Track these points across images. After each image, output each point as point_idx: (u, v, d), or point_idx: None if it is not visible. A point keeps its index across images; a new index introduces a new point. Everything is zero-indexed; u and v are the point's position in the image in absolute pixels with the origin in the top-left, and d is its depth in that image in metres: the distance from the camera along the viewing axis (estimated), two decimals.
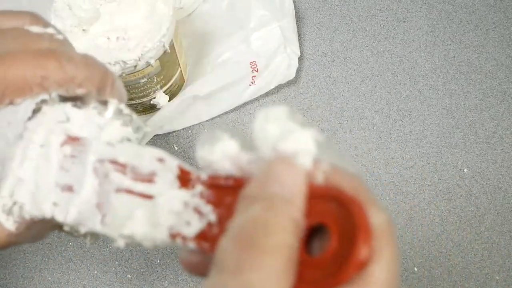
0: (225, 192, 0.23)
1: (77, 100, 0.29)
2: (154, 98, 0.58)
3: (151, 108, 0.59)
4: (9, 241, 0.27)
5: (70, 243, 0.57)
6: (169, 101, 0.59)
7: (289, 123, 0.20)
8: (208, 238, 0.23)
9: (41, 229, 0.29)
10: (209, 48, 0.64)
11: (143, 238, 0.24)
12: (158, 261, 0.56)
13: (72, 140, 0.27)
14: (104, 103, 0.28)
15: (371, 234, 0.18)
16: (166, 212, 0.24)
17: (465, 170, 0.61)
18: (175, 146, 0.61)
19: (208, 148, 0.23)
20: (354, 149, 0.61)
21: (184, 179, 0.25)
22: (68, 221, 0.26)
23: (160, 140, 0.61)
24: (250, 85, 0.61)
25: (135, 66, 0.51)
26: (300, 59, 0.64)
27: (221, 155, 0.23)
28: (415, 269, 0.56)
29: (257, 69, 0.61)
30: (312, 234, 0.20)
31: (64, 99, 0.28)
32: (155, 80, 0.55)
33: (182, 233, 0.23)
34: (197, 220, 0.23)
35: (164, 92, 0.58)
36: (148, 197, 0.25)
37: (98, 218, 0.25)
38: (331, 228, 0.19)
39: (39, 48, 0.27)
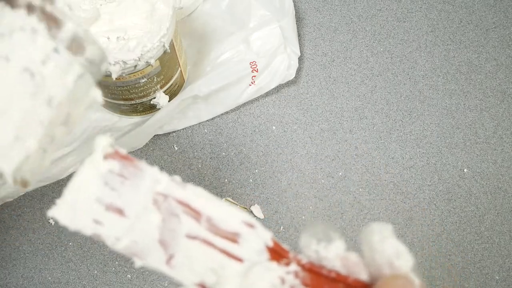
0: (325, 281, 0.25)
1: None
2: (154, 98, 0.58)
3: (151, 108, 0.59)
4: None
5: (70, 243, 0.57)
6: (169, 101, 0.59)
7: (400, 244, 0.24)
8: None
9: None
10: (209, 48, 0.64)
11: None
12: None
13: (122, 157, 0.25)
14: None
15: None
16: (262, 282, 0.24)
17: (465, 170, 0.61)
18: (175, 146, 0.61)
19: (325, 245, 0.25)
20: (354, 149, 0.61)
21: (277, 254, 0.25)
22: (118, 248, 0.25)
23: (160, 140, 0.61)
24: (250, 85, 0.61)
25: (135, 66, 0.51)
26: (300, 59, 0.64)
27: (335, 254, 0.25)
28: None
29: (257, 69, 0.61)
30: None
31: None
32: (155, 80, 0.55)
33: None
34: None
35: (164, 92, 0.58)
36: (238, 259, 0.25)
37: (163, 257, 0.24)
38: None
39: None
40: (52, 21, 0.25)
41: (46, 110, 0.24)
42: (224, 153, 0.61)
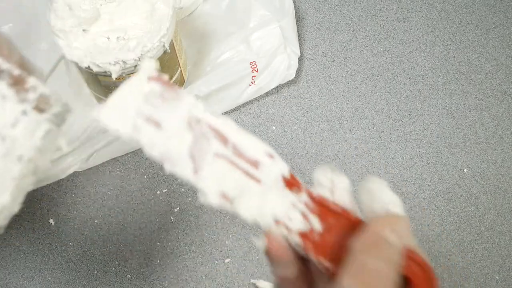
0: (330, 214, 0.28)
1: None
2: None
3: None
4: None
5: (70, 243, 0.57)
6: None
7: (395, 195, 0.28)
8: (309, 240, 0.28)
9: None
10: (209, 48, 0.64)
11: (245, 212, 0.28)
12: (158, 261, 0.56)
13: (163, 82, 0.28)
14: None
15: None
16: (275, 203, 0.28)
17: (465, 170, 0.61)
18: None
19: (338, 176, 0.29)
20: (354, 149, 0.61)
21: (291, 184, 0.29)
22: (153, 154, 0.28)
23: None
24: (250, 85, 0.61)
25: (135, 66, 0.51)
26: (300, 59, 0.64)
27: (346, 186, 0.30)
28: None
29: (257, 69, 0.61)
30: None
31: None
32: None
33: (287, 224, 0.28)
34: (301, 222, 0.28)
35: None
36: (257, 180, 0.28)
37: (191, 166, 0.28)
38: (415, 281, 0.27)
39: None
40: (20, 85, 0.27)
41: (17, 167, 0.27)
42: None
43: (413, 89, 0.65)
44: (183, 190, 0.59)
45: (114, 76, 0.50)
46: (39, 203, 0.58)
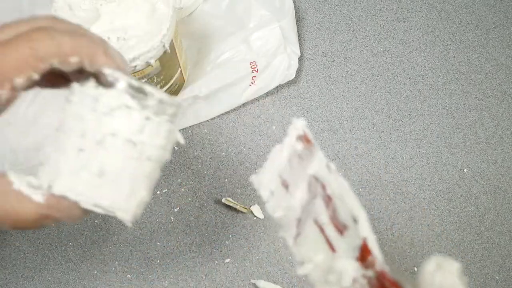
0: None
1: (81, 79, 0.30)
2: None
3: None
4: (39, 213, 0.29)
5: (70, 243, 0.57)
6: None
7: (460, 284, 0.24)
8: None
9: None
10: (209, 48, 0.64)
11: (312, 275, 0.28)
12: (158, 261, 0.56)
13: (307, 141, 0.29)
14: (103, 76, 0.30)
15: None
16: (339, 273, 0.27)
17: (465, 170, 0.61)
18: (175, 146, 0.61)
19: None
20: (354, 149, 0.61)
21: (363, 256, 0.27)
22: (274, 215, 0.30)
23: None
24: (250, 85, 0.61)
25: (135, 66, 0.51)
26: (300, 59, 0.64)
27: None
28: (415, 269, 0.56)
29: (257, 69, 0.61)
30: None
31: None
32: (155, 80, 0.55)
33: None
34: None
35: (164, 92, 0.58)
36: (333, 249, 0.28)
37: (293, 232, 0.29)
38: None
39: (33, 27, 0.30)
40: (141, 95, 0.30)
41: (148, 165, 0.31)
42: (224, 153, 0.61)
43: (413, 89, 0.65)
44: (183, 190, 0.59)
45: None
46: None
